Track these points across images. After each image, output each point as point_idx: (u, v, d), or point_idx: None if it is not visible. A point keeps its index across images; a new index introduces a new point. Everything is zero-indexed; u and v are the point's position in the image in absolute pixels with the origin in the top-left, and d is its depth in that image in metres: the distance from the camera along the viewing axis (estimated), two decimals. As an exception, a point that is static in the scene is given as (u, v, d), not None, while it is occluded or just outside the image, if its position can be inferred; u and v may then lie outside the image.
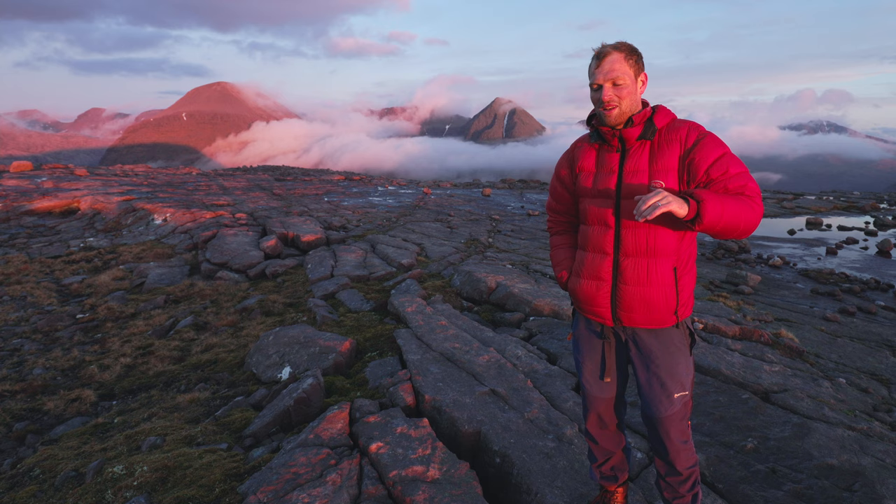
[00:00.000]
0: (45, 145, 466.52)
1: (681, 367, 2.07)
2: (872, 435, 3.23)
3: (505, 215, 15.67)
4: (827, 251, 11.83)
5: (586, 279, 2.14)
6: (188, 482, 2.75)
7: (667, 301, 2.01)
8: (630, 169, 2.00)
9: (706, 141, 1.93)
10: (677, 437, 2.10)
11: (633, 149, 2.01)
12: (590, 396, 2.30)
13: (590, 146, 2.14)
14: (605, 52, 1.95)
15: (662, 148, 1.97)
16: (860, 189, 52.73)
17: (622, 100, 1.96)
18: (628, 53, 1.95)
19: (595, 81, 1.97)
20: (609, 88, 1.95)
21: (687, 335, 2.11)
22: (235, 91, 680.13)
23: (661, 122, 2.00)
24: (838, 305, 7.73)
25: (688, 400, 2.10)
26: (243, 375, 4.62)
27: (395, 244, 9.81)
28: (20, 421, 4.11)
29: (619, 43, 1.96)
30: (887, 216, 16.18)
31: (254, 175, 28.76)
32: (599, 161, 2.10)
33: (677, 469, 2.14)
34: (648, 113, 2.01)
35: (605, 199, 2.06)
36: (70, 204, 14.81)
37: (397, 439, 2.91)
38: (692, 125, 1.98)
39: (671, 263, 2.01)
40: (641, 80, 2.01)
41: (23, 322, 6.53)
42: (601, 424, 2.34)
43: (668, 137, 1.98)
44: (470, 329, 4.86)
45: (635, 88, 1.98)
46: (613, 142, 2.04)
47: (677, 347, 2.07)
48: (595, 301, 2.12)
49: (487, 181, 32.03)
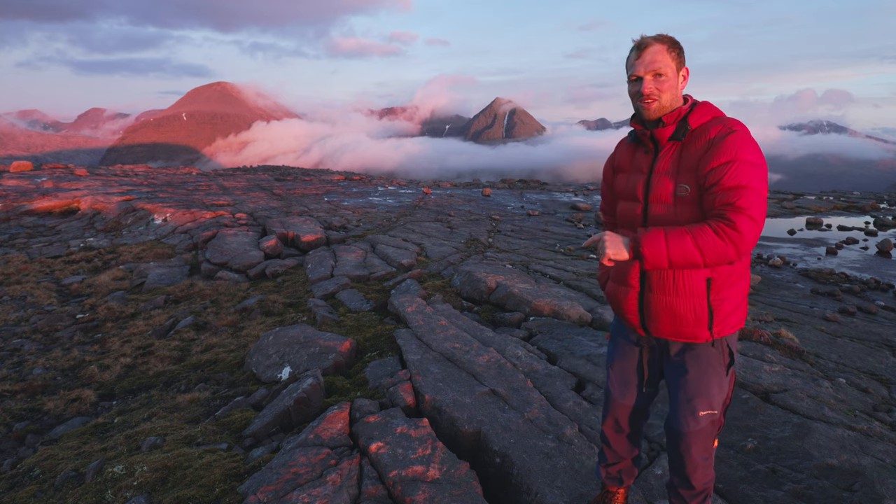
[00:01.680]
0: (45, 145, 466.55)
1: (713, 386, 1.95)
2: (872, 435, 3.23)
3: (505, 215, 15.67)
4: (827, 251, 11.83)
5: (617, 284, 2.08)
6: (188, 482, 2.75)
7: (696, 314, 1.89)
8: (658, 170, 1.92)
9: (724, 141, 1.78)
10: (698, 454, 2.00)
11: (665, 150, 1.93)
12: (611, 400, 2.25)
13: (628, 146, 2.09)
14: (646, 43, 1.86)
15: (689, 148, 1.87)
16: (860, 189, 52.74)
17: (663, 93, 1.86)
18: (671, 45, 1.86)
19: (635, 73, 1.88)
20: (650, 80, 1.86)
21: (726, 354, 1.97)
22: (235, 91, 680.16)
23: (697, 121, 1.89)
24: (838, 305, 7.73)
25: (717, 418, 1.98)
26: (243, 375, 4.62)
27: (395, 244, 9.80)
28: (20, 421, 4.11)
29: (661, 35, 1.87)
30: (887, 216, 16.17)
31: (254, 175, 28.77)
32: (634, 161, 2.04)
33: (692, 484, 2.06)
34: (684, 111, 1.91)
35: (634, 202, 1.99)
36: (70, 204, 14.81)
37: (397, 439, 2.91)
38: (727, 123, 1.84)
39: (704, 274, 1.86)
40: (683, 75, 1.91)
41: (23, 322, 6.53)
42: (617, 429, 2.28)
43: (698, 136, 1.86)
44: (470, 329, 4.86)
45: (677, 82, 1.89)
46: (646, 142, 1.97)
47: (711, 365, 1.95)
48: (625, 307, 2.05)
49: (487, 181, 32.03)
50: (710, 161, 1.78)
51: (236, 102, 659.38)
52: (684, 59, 1.91)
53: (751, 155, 1.76)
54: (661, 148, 1.94)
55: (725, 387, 2.00)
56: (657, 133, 1.91)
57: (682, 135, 1.88)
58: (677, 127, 1.90)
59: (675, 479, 2.11)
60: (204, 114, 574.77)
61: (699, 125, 1.88)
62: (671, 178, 1.88)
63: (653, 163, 1.95)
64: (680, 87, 1.91)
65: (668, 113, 1.89)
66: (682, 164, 1.87)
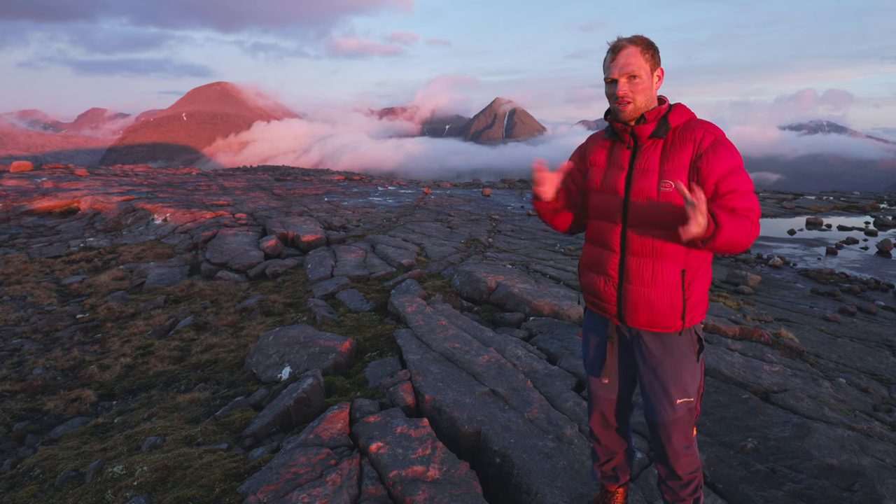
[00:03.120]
0: (45, 145, 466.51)
1: (686, 373, 2.03)
2: (872, 435, 3.23)
3: (505, 215, 15.66)
4: (827, 251, 11.83)
5: (596, 274, 2.12)
6: (188, 482, 2.75)
7: (672, 305, 1.97)
8: (640, 167, 1.96)
9: (720, 148, 1.86)
10: (679, 443, 2.07)
11: (645, 146, 1.97)
12: (594, 395, 2.29)
13: (603, 142, 2.12)
14: (620, 46, 1.90)
15: (675, 147, 1.92)
16: (860, 189, 52.77)
17: (637, 95, 1.91)
18: (644, 47, 1.90)
19: (610, 75, 1.92)
20: (624, 83, 1.90)
21: (695, 341, 2.05)
22: (235, 91, 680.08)
23: (677, 120, 1.95)
24: (838, 305, 7.73)
25: (693, 406, 2.06)
26: (243, 375, 4.62)
27: (395, 244, 9.80)
28: (20, 421, 4.11)
29: (636, 36, 1.91)
30: (887, 216, 16.17)
31: (254, 175, 28.76)
32: (611, 157, 2.07)
33: (678, 473, 2.11)
34: (664, 110, 1.96)
35: (614, 197, 2.02)
36: (70, 204, 14.81)
37: (397, 439, 2.91)
38: (709, 127, 1.92)
39: (679, 266, 1.96)
40: (657, 76, 1.96)
41: (23, 322, 6.53)
42: (604, 424, 2.32)
43: (682, 137, 1.92)
44: (470, 329, 4.86)
45: (651, 83, 1.93)
46: (626, 138, 2.00)
47: (683, 353, 2.03)
48: (603, 297, 2.09)
49: (487, 181, 32.02)
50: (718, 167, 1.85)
51: (236, 102, 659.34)
52: (659, 60, 1.96)
53: (738, 160, 1.89)
54: (640, 144, 1.98)
55: (698, 374, 2.07)
56: (637, 130, 1.95)
57: (663, 132, 1.94)
58: (658, 124, 1.95)
59: (663, 471, 2.18)
60: (204, 114, 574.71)
61: (679, 124, 1.95)
62: (654, 174, 1.92)
63: (632, 159, 1.99)
64: (654, 88, 1.96)
65: (650, 110, 1.94)
66: (667, 160, 1.92)
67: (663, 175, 1.91)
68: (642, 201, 1.94)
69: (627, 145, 2.01)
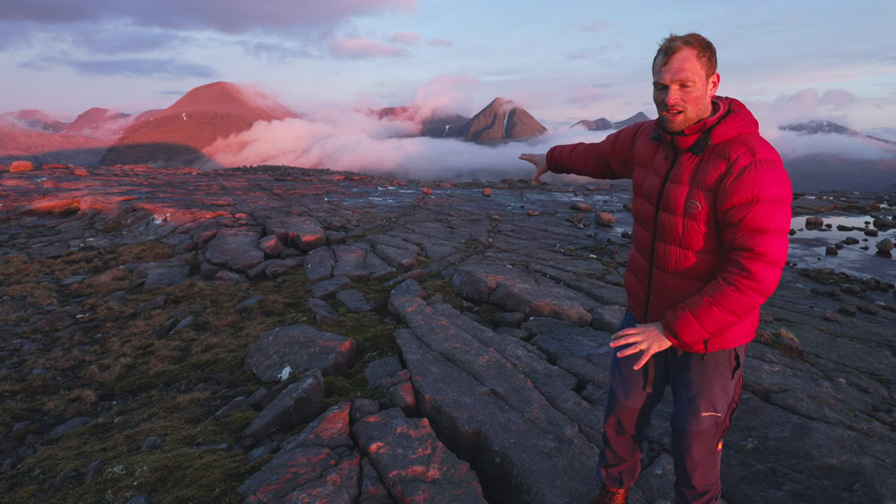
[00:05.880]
0: (46, 145, 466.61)
1: (715, 388, 1.93)
2: (872, 435, 3.23)
3: (505, 215, 15.66)
4: (827, 251, 11.83)
5: (633, 276, 2.09)
6: (188, 482, 2.75)
7: None
8: (674, 177, 1.83)
9: (749, 173, 1.65)
10: (699, 454, 2.00)
11: (682, 159, 1.82)
12: (616, 401, 2.23)
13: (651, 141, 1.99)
14: (675, 48, 1.68)
15: (708, 164, 1.74)
16: (860, 189, 52.78)
17: (689, 104, 1.72)
18: (701, 50, 1.69)
19: (661, 80, 1.72)
20: (676, 90, 1.71)
21: (732, 358, 1.93)
22: (236, 91, 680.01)
23: (723, 135, 1.74)
24: (838, 305, 7.73)
25: (721, 421, 1.96)
26: (243, 375, 4.62)
27: (395, 244, 9.80)
28: (20, 421, 4.11)
29: (691, 36, 1.69)
30: (887, 216, 16.17)
31: (254, 175, 28.76)
32: (654, 161, 1.95)
33: (692, 483, 2.06)
34: (710, 122, 1.76)
35: (648, 202, 1.95)
36: (70, 204, 14.81)
37: (397, 439, 2.91)
38: (752, 148, 1.69)
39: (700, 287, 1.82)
40: (713, 82, 1.75)
41: (23, 322, 6.53)
42: (619, 430, 2.27)
43: (719, 153, 1.73)
44: (470, 329, 4.86)
45: (705, 91, 1.73)
46: (667, 147, 1.89)
47: (717, 368, 1.93)
48: (637, 301, 2.07)
49: (487, 181, 32.02)
50: (732, 197, 1.67)
51: (237, 102, 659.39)
52: (716, 63, 1.73)
53: (773, 190, 1.64)
54: (678, 156, 1.84)
55: (730, 390, 1.96)
56: (677, 141, 1.81)
57: (699, 149, 1.77)
58: (698, 139, 1.78)
59: (679, 477, 2.14)
60: (204, 114, 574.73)
61: (722, 141, 1.75)
62: (683, 191, 1.79)
63: (669, 170, 1.87)
64: (709, 95, 1.77)
65: (694, 123, 1.77)
66: (696, 180, 1.77)
67: (691, 195, 1.77)
68: (669, 216, 1.84)
69: (666, 154, 1.89)
